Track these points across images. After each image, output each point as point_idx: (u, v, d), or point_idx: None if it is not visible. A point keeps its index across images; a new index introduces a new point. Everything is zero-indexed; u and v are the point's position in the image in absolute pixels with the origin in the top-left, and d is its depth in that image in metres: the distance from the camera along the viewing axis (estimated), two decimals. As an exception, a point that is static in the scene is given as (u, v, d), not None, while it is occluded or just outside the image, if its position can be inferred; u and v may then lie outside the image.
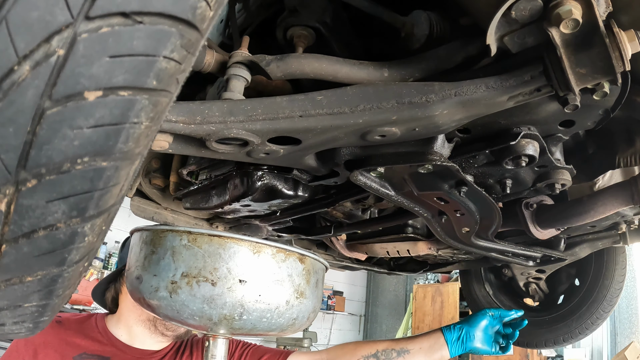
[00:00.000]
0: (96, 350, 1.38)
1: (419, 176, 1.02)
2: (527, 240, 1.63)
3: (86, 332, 1.42)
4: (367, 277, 9.59)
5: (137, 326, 1.43)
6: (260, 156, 0.92)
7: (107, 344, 1.41)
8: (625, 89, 0.86)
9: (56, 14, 0.36)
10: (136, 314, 1.43)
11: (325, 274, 1.11)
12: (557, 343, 2.14)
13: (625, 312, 5.97)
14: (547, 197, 1.35)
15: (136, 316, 1.43)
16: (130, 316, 1.44)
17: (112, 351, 1.40)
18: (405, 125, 0.83)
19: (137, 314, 1.43)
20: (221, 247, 0.87)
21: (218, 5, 0.46)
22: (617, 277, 2.03)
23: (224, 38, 1.20)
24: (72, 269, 0.54)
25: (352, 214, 1.58)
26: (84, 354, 1.36)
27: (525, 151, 0.98)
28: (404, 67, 0.91)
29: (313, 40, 1.00)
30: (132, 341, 1.44)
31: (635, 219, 1.49)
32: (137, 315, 1.43)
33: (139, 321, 1.43)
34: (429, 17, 0.95)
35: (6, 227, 0.44)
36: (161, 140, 0.82)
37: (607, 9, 0.71)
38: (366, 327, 9.33)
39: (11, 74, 0.37)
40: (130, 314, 1.44)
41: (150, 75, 0.41)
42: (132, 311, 1.44)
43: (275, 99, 0.82)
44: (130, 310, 1.44)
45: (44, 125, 0.39)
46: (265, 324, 0.91)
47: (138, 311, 1.42)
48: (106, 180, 0.45)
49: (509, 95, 0.80)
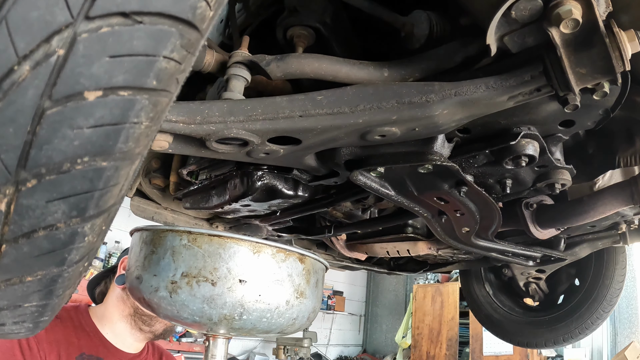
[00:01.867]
0: (92, 350, 1.44)
1: (419, 176, 1.02)
2: (527, 240, 1.63)
3: (79, 330, 1.47)
4: (367, 277, 9.59)
5: (120, 322, 1.51)
6: (260, 156, 0.92)
7: (100, 344, 1.47)
8: (625, 88, 0.86)
9: (56, 14, 0.36)
10: (119, 309, 1.51)
11: (325, 274, 1.11)
12: (557, 343, 2.14)
13: (625, 312, 5.97)
14: (547, 197, 1.35)
15: (119, 312, 1.50)
16: (114, 312, 1.51)
17: (104, 352, 1.46)
18: (405, 125, 0.83)
19: (121, 309, 1.50)
20: (221, 247, 0.87)
21: (218, 5, 0.46)
22: (617, 277, 2.03)
23: (224, 38, 1.20)
24: (72, 269, 0.54)
25: (352, 214, 1.58)
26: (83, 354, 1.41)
27: (525, 151, 0.98)
28: (404, 67, 0.91)
29: (313, 40, 1.00)
30: (116, 340, 1.51)
31: (635, 219, 1.49)
32: (120, 311, 1.50)
33: (122, 317, 1.50)
34: (429, 17, 0.95)
35: (6, 227, 0.44)
36: (161, 140, 0.82)
37: (607, 9, 0.71)
38: (366, 327, 9.33)
39: (11, 74, 0.37)
40: (115, 309, 1.51)
41: (150, 75, 0.41)
42: (116, 306, 1.51)
43: (275, 99, 0.82)
44: (115, 305, 1.52)
45: (44, 125, 0.39)
46: (265, 324, 0.91)
47: (121, 306, 1.50)
48: (106, 180, 0.45)
49: (509, 95, 0.80)
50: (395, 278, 8.95)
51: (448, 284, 7.22)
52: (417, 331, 7.25)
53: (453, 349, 6.76)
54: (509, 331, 2.33)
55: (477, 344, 6.38)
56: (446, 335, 6.89)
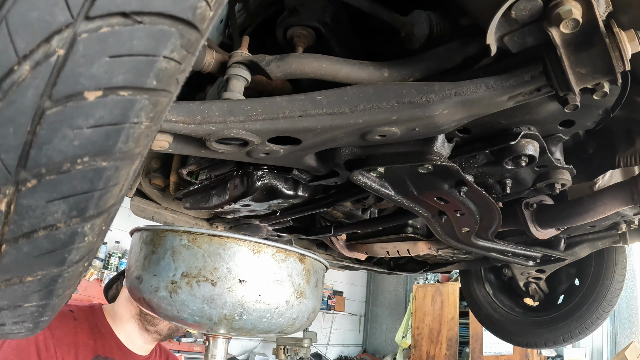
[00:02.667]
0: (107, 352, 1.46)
1: (419, 176, 1.02)
2: (527, 240, 1.63)
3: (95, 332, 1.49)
4: (367, 277, 9.59)
5: (130, 322, 1.53)
6: (260, 156, 0.92)
7: (115, 346, 1.49)
8: (625, 88, 0.86)
9: (56, 14, 0.36)
10: (128, 309, 1.53)
11: (325, 274, 1.11)
12: (557, 343, 2.14)
13: (625, 312, 5.97)
14: (547, 197, 1.35)
15: (128, 311, 1.53)
16: (124, 312, 1.54)
17: (118, 354, 1.49)
18: (405, 125, 0.83)
19: (129, 309, 1.53)
20: (221, 247, 0.87)
21: (218, 5, 0.46)
22: (617, 277, 2.03)
23: (224, 38, 1.20)
24: (72, 269, 0.54)
25: (352, 214, 1.58)
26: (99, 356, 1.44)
27: (525, 151, 0.98)
28: (404, 67, 0.91)
29: (313, 40, 1.00)
30: (128, 342, 1.53)
31: (635, 219, 1.49)
32: (129, 311, 1.53)
33: (130, 317, 1.53)
34: (429, 17, 0.95)
35: (6, 227, 0.44)
36: (161, 140, 0.82)
37: (607, 9, 0.71)
38: (366, 327, 9.33)
39: (11, 74, 0.37)
40: (124, 309, 1.54)
41: (150, 75, 0.41)
42: (125, 306, 1.54)
43: (275, 99, 0.82)
44: (124, 305, 1.54)
45: (44, 125, 0.39)
46: (265, 324, 0.91)
47: (129, 306, 1.53)
48: (106, 180, 0.45)
49: (509, 95, 0.80)
50: (395, 278, 8.95)
51: (448, 284, 7.22)
52: (417, 331, 7.25)
53: (453, 349, 6.76)
54: (509, 331, 2.33)
55: (477, 344, 6.38)
56: (446, 335, 6.89)
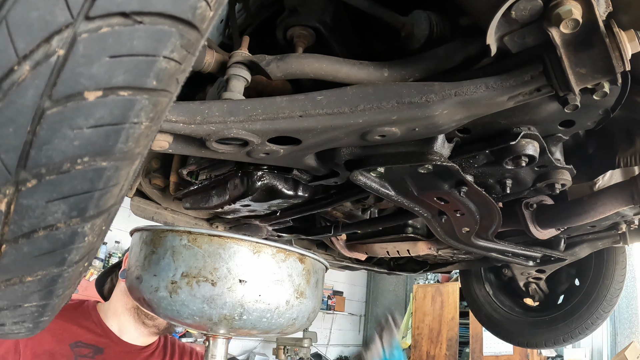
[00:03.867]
0: (91, 339, 1.44)
1: (419, 176, 1.02)
2: (527, 240, 1.63)
3: (81, 320, 1.47)
4: (367, 277, 9.58)
5: (124, 315, 1.51)
6: (260, 156, 0.92)
7: (102, 335, 1.47)
8: (625, 89, 0.86)
9: (56, 14, 0.36)
10: (123, 302, 1.52)
11: (325, 274, 1.11)
12: (557, 343, 2.14)
13: (625, 312, 5.97)
14: (547, 197, 1.35)
15: (123, 304, 1.51)
16: (118, 304, 1.52)
17: (106, 342, 1.46)
18: (405, 125, 0.83)
19: (124, 302, 1.51)
20: (221, 247, 0.87)
21: (218, 5, 0.46)
22: (617, 277, 2.03)
23: (224, 38, 1.20)
24: (72, 269, 0.54)
25: (352, 214, 1.58)
26: (80, 342, 1.41)
27: (525, 151, 0.98)
28: (404, 67, 0.91)
29: (313, 40, 1.00)
30: (121, 333, 1.51)
31: (635, 219, 1.49)
32: (124, 304, 1.51)
33: (126, 310, 1.51)
34: (429, 17, 0.95)
35: (6, 227, 0.44)
36: (161, 140, 0.82)
37: (607, 9, 0.71)
38: (366, 327, 9.33)
39: (11, 74, 0.37)
40: (119, 302, 1.52)
41: (150, 75, 0.41)
42: (120, 299, 1.52)
43: (275, 99, 0.82)
44: (119, 298, 1.53)
45: (44, 125, 0.39)
46: (265, 324, 0.91)
47: (125, 299, 1.51)
48: (106, 180, 0.45)
49: (509, 95, 0.80)
50: (395, 278, 8.95)
51: (448, 284, 7.22)
52: (417, 331, 7.25)
53: (453, 349, 6.76)
54: (509, 331, 2.33)
55: (477, 344, 6.38)
56: (446, 335, 6.89)
